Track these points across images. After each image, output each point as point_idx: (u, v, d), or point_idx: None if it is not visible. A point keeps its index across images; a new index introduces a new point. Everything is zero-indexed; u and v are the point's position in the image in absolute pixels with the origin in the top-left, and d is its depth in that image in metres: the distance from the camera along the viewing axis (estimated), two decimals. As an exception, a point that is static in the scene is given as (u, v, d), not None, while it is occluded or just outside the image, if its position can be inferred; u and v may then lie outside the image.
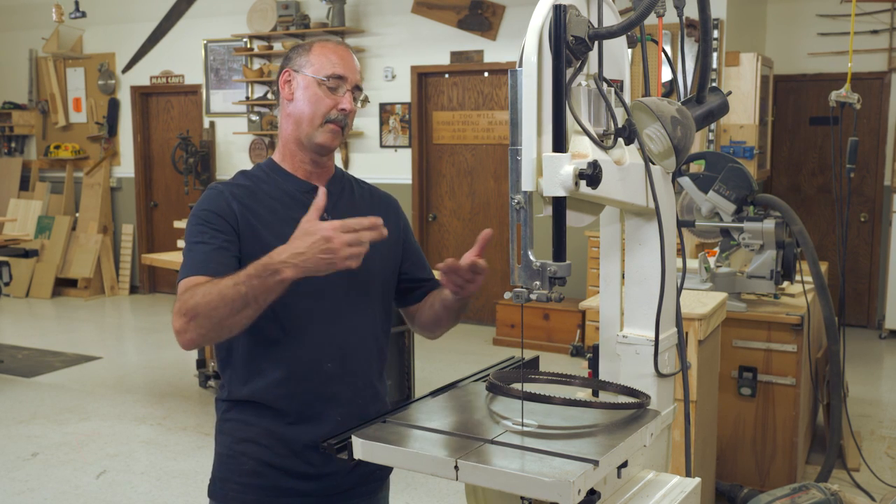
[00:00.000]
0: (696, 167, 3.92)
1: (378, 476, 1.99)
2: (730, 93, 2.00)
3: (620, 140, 1.58)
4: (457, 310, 2.00)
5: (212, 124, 9.14)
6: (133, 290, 9.78)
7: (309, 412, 1.86)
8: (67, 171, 9.82)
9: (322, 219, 1.91)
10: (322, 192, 1.65)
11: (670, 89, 5.80)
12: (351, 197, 2.00)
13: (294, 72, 1.90)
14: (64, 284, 9.55)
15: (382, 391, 2.00)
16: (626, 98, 1.69)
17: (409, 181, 8.14)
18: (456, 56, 7.86)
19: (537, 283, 1.45)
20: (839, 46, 7.30)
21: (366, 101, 2.04)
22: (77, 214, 9.70)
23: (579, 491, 1.32)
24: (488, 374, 1.79)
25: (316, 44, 1.93)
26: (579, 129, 1.51)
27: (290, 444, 1.86)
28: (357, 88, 1.92)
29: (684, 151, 1.72)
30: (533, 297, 1.47)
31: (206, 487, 1.96)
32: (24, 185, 10.09)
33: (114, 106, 9.70)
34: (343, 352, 1.89)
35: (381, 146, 8.25)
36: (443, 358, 6.69)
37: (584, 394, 1.93)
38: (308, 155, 1.92)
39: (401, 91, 8.09)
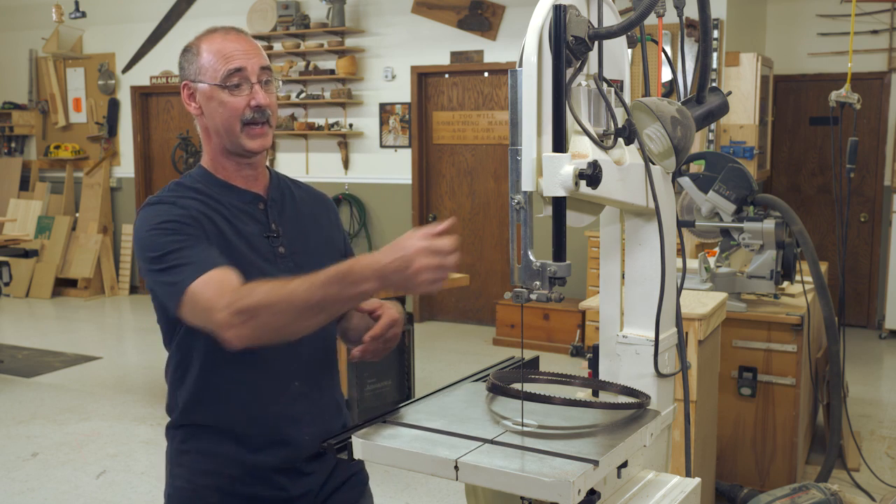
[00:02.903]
0: (696, 167, 3.92)
1: (355, 482, 1.92)
2: (730, 93, 2.00)
3: (620, 140, 1.58)
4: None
5: (212, 124, 9.13)
6: (133, 290, 9.77)
7: (276, 435, 1.75)
8: (67, 172, 9.82)
9: (270, 231, 1.78)
10: (450, 221, 1.47)
11: (670, 89, 5.80)
12: (293, 200, 1.88)
13: (192, 83, 1.75)
14: (64, 284, 9.55)
15: (342, 402, 1.93)
16: (626, 98, 1.69)
17: (409, 181, 8.14)
18: (456, 56, 7.86)
19: (537, 283, 1.45)
20: (839, 46, 7.30)
21: (279, 84, 1.78)
22: (77, 214, 9.70)
23: (579, 491, 1.32)
24: (488, 374, 1.79)
25: (202, 43, 1.76)
26: (579, 129, 1.51)
27: (258, 470, 1.76)
28: (265, 70, 1.75)
29: (684, 151, 1.72)
30: (533, 297, 1.46)
31: None
32: (24, 185, 10.09)
33: (114, 106, 9.70)
34: (309, 368, 1.81)
35: (381, 146, 8.25)
36: (443, 358, 6.69)
37: (584, 394, 1.93)
38: (241, 161, 1.78)
39: (401, 91, 8.09)
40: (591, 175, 1.40)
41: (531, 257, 1.44)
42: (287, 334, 1.54)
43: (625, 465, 1.50)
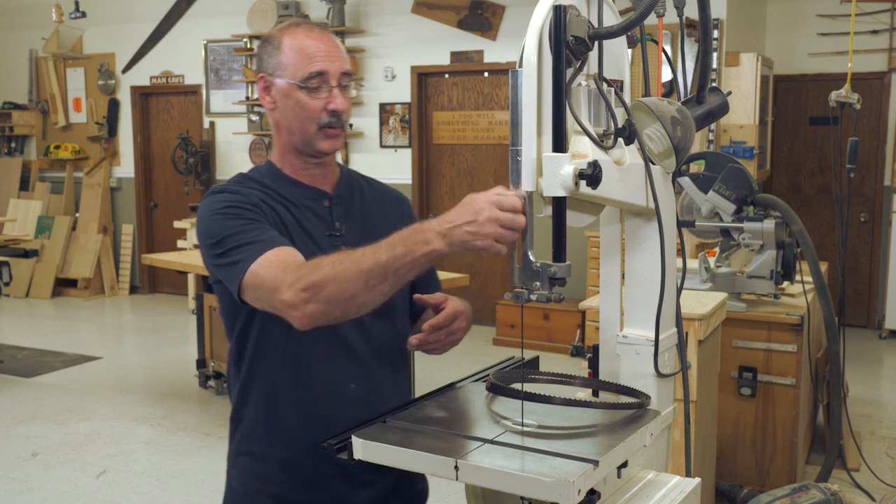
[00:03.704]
0: (696, 167, 3.92)
1: (418, 502, 1.89)
2: (730, 93, 2.00)
3: (620, 140, 1.58)
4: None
5: (212, 124, 9.14)
6: (133, 290, 9.78)
7: None
8: (67, 172, 9.82)
9: (332, 230, 1.74)
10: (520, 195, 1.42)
11: (670, 89, 5.80)
12: (362, 199, 1.84)
13: (269, 76, 1.72)
14: (64, 284, 9.55)
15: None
16: (626, 98, 1.69)
17: (409, 181, 8.14)
18: (456, 56, 7.86)
19: (537, 283, 1.44)
20: (839, 46, 7.30)
21: (357, 88, 1.79)
22: (77, 214, 9.71)
23: (579, 491, 1.32)
24: (488, 374, 1.78)
25: (285, 37, 1.71)
26: (579, 129, 1.51)
27: (309, 478, 1.72)
28: (345, 75, 1.71)
29: (684, 151, 1.71)
30: (533, 297, 1.46)
31: (206, 487, 1.89)
32: (24, 185, 10.09)
33: (114, 106, 9.70)
34: (367, 370, 1.75)
35: (381, 146, 8.25)
36: (443, 358, 6.68)
37: (584, 394, 1.93)
38: (310, 160, 1.77)
39: (401, 91, 8.09)
40: (591, 175, 1.40)
41: (531, 258, 1.44)
42: (356, 306, 1.49)
43: (625, 465, 1.50)
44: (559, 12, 1.42)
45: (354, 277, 1.45)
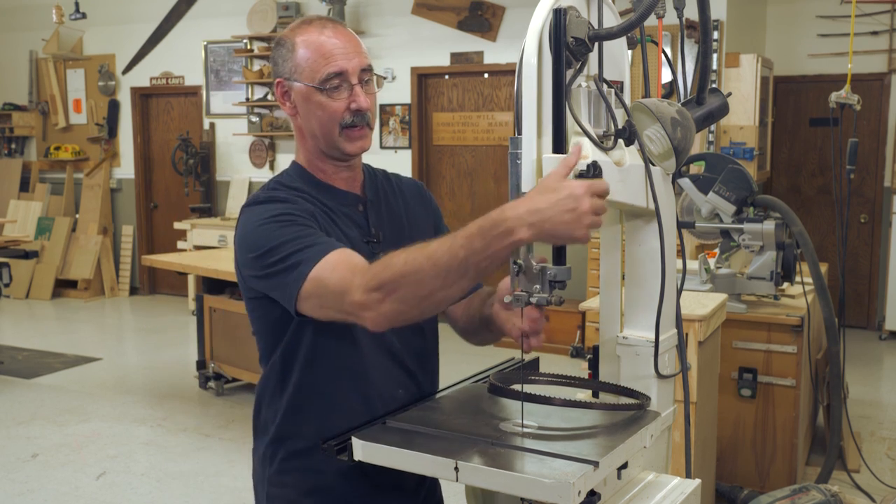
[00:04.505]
0: (696, 168, 3.92)
1: None
2: (730, 94, 2.00)
3: (620, 141, 1.58)
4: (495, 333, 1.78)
5: (212, 125, 9.14)
6: (133, 291, 9.78)
7: None
8: (67, 173, 9.82)
9: (370, 236, 1.70)
10: (576, 150, 1.34)
11: (670, 90, 5.80)
12: (387, 199, 1.79)
13: (287, 81, 1.65)
14: (64, 286, 9.55)
15: None
16: (626, 99, 1.69)
17: (409, 182, 8.13)
18: (456, 57, 7.86)
19: (537, 286, 1.44)
20: (839, 48, 7.30)
21: (381, 80, 1.73)
22: (77, 216, 9.71)
23: (579, 492, 1.31)
24: (488, 375, 1.78)
25: (297, 37, 1.64)
26: (579, 130, 1.51)
27: (361, 488, 1.67)
28: (365, 71, 1.64)
29: (684, 153, 1.71)
30: (533, 300, 1.45)
31: (206, 489, 1.86)
32: (24, 186, 10.09)
33: (114, 107, 9.70)
34: (411, 374, 1.75)
35: (381, 147, 8.25)
36: (443, 358, 6.65)
37: (584, 395, 1.93)
38: (339, 163, 1.71)
39: (401, 92, 8.10)
40: (591, 176, 1.40)
41: (531, 261, 1.44)
42: (431, 304, 1.41)
43: (625, 466, 1.50)
44: (559, 14, 1.43)
45: (430, 275, 1.35)
